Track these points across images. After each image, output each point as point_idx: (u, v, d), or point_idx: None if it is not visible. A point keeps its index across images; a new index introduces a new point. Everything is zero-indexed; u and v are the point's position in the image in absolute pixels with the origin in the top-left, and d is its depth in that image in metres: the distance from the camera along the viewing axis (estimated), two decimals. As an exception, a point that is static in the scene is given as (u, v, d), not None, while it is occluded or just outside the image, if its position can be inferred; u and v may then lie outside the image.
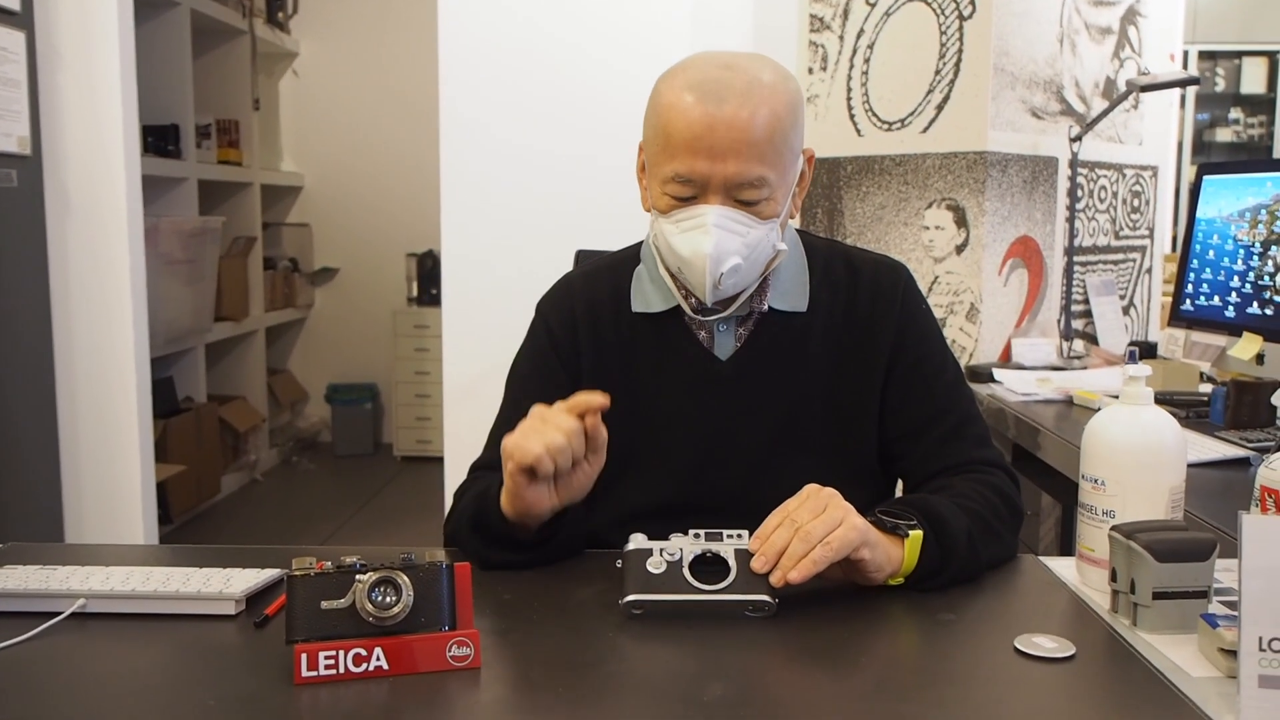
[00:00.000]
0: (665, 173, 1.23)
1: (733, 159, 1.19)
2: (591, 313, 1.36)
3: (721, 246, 1.20)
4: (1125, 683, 0.91)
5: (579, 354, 1.36)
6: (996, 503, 1.22)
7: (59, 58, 2.78)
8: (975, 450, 1.31)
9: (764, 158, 1.20)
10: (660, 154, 1.24)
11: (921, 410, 1.32)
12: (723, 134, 1.18)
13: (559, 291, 1.42)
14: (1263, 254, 1.89)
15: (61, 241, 2.81)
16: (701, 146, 1.19)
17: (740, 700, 0.89)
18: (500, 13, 2.75)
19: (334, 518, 4.54)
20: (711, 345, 1.33)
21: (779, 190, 1.24)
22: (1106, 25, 2.82)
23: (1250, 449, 1.68)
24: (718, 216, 1.21)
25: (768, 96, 1.20)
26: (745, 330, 1.33)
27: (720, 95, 1.19)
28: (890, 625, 1.06)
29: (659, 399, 1.32)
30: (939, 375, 1.34)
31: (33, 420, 2.76)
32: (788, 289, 1.33)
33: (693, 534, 1.07)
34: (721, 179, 1.20)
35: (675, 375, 1.32)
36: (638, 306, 1.35)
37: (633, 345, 1.34)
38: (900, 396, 1.32)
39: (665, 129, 1.22)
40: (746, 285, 1.28)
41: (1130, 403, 1.10)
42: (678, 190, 1.23)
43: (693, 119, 1.19)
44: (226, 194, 5.04)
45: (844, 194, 2.83)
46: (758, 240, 1.23)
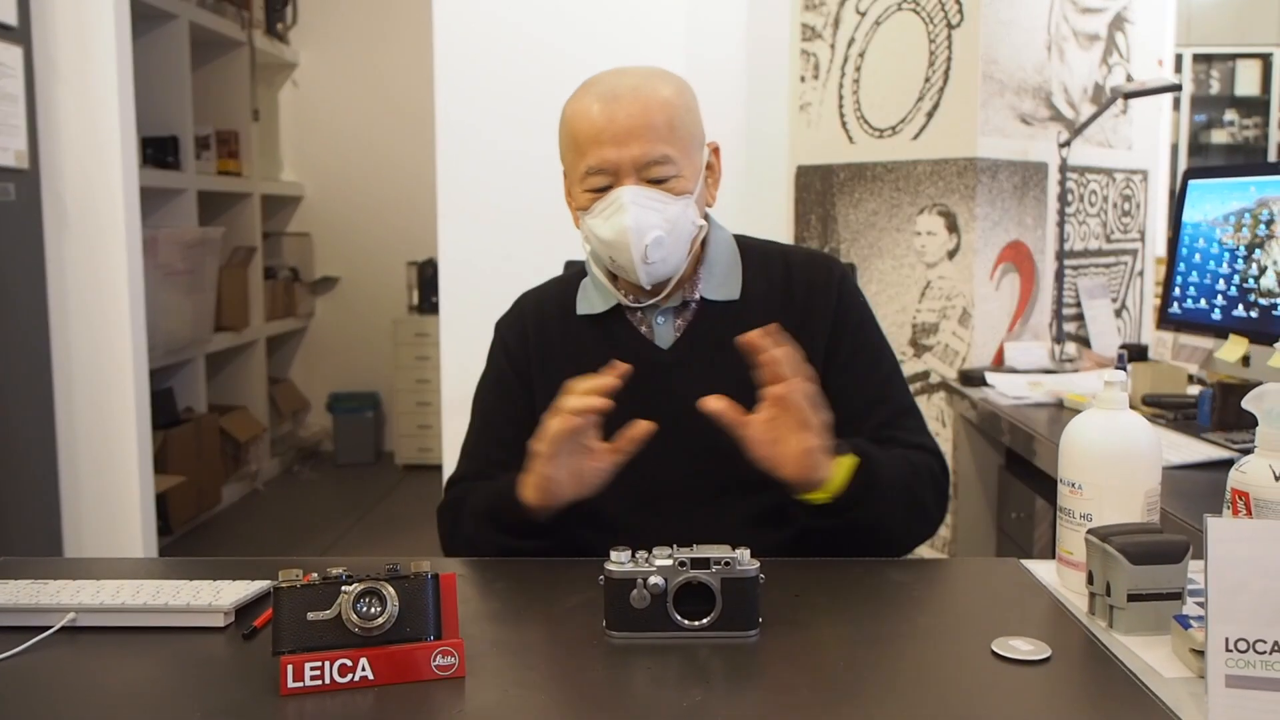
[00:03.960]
0: (580, 171, 1.34)
1: (635, 142, 1.31)
2: (540, 323, 1.47)
3: (640, 220, 1.30)
4: (1099, 684, 0.93)
5: (529, 363, 1.45)
6: (926, 479, 1.35)
7: (56, 71, 2.80)
8: (914, 436, 1.40)
9: (664, 137, 1.32)
10: (574, 159, 1.36)
11: (861, 397, 1.39)
12: (623, 121, 1.31)
13: (512, 311, 1.53)
14: (1247, 257, 1.91)
15: (59, 255, 2.83)
16: (605, 137, 1.31)
17: (720, 706, 0.90)
18: (495, 22, 2.77)
19: (336, 527, 4.55)
20: (653, 337, 1.42)
21: (685, 169, 1.34)
22: (1094, 32, 2.84)
23: (1234, 450, 1.69)
24: (632, 194, 1.31)
25: (658, 86, 1.34)
26: (683, 321, 1.42)
27: (615, 93, 1.33)
28: (868, 629, 1.07)
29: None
30: (877, 364, 1.44)
31: (32, 432, 2.77)
32: (720, 280, 1.42)
33: (678, 557, 1.03)
34: (629, 161, 1.31)
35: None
36: (582, 310, 1.45)
37: (580, 346, 1.43)
38: (839, 384, 1.38)
39: (573, 134, 1.35)
40: (676, 265, 1.36)
41: (1106, 407, 1.11)
42: (594, 183, 1.34)
43: (594, 116, 1.32)
44: (226, 204, 5.07)
45: (837, 200, 2.84)
46: (676, 216, 1.33)
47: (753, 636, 1.03)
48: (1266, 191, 1.89)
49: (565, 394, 1.23)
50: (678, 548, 1.04)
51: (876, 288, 2.77)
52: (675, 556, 1.03)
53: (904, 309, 2.74)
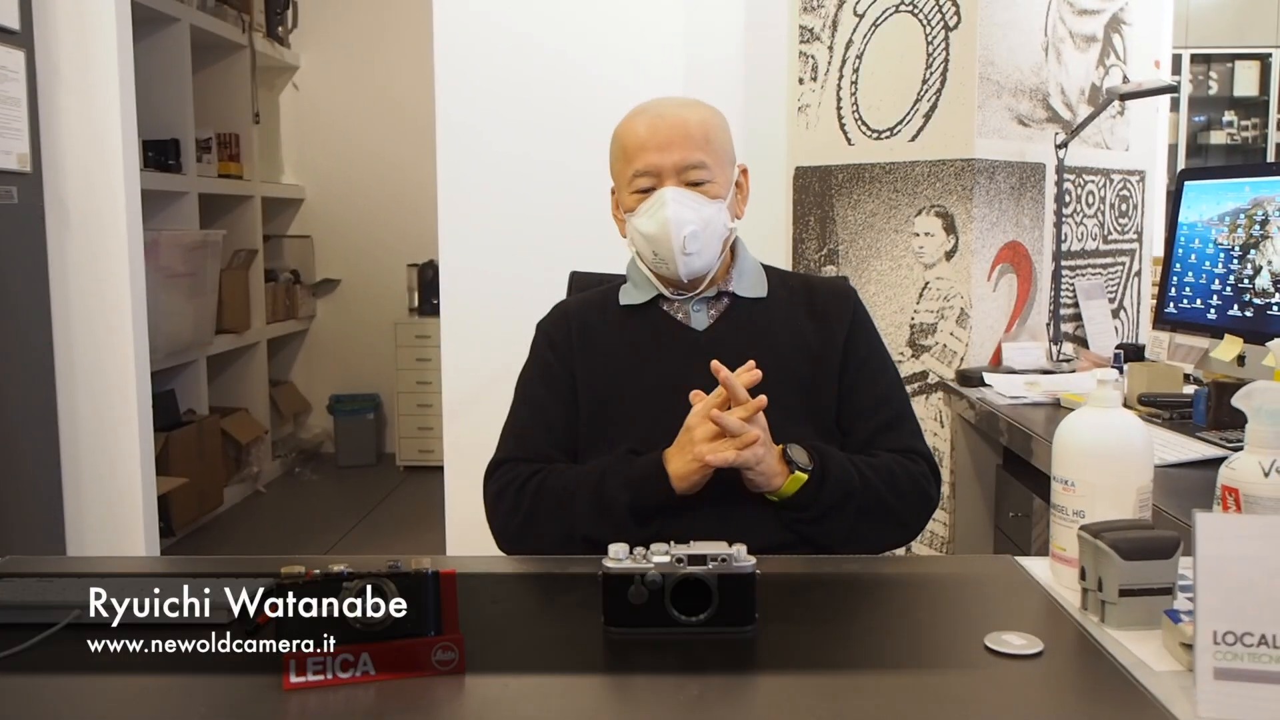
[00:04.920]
0: (628, 177, 1.54)
1: (676, 149, 1.51)
2: (583, 318, 1.62)
3: (679, 215, 1.49)
4: (1090, 678, 0.94)
5: (573, 351, 1.59)
6: (905, 486, 1.47)
7: (58, 75, 2.81)
8: (908, 440, 1.54)
9: (700, 147, 1.52)
10: (623, 167, 1.55)
11: (866, 398, 1.55)
12: (665, 132, 1.51)
13: (555, 311, 1.67)
14: (1242, 257, 1.92)
15: (62, 257, 2.84)
16: (651, 144, 1.51)
17: (717, 700, 0.91)
18: (495, 25, 2.78)
19: (337, 528, 4.57)
20: (689, 322, 1.58)
21: (719, 177, 1.54)
22: (1091, 33, 2.85)
23: (1229, 449, 1.71)
24: (673, 193, 1.50)
25: (696, 108, 1.56)
26: (716, 310, 1.60)
27: (660, 110, 1.54)
28: (863, 624, 1.09)
29: (648, 372, 1.54)
30: (883, 373, 1.60)
31: (34, 434, 2.78)
32: (749, 280, 1.61)
33: (675, 554, 1.05)
34: (671, 165, 1.51)
35: (660, 349, 1.56)
36: (624, 301, 1.61)
37: (621, 333, 1.59)
38: (849, 385, 1.55)
39: (623, 147, 1.55)
40: (710, 260, 1.54)
41: (1099, 406, 1.13)
42: (640, 184, 1.52)
43: (640, 129, 1.53)
44: (228, 207, 5.08)
45: (835, 202, 2.86)
46: (711, 216, 1.51)
47: (749, 631, 1.04)
48: (1261, 192, 1.90)
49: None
50: (675, 544, 1.05)
51: (875, 289, 2.79)
52: (672, 553, 1.05)
53: (902, 309, 2.75)
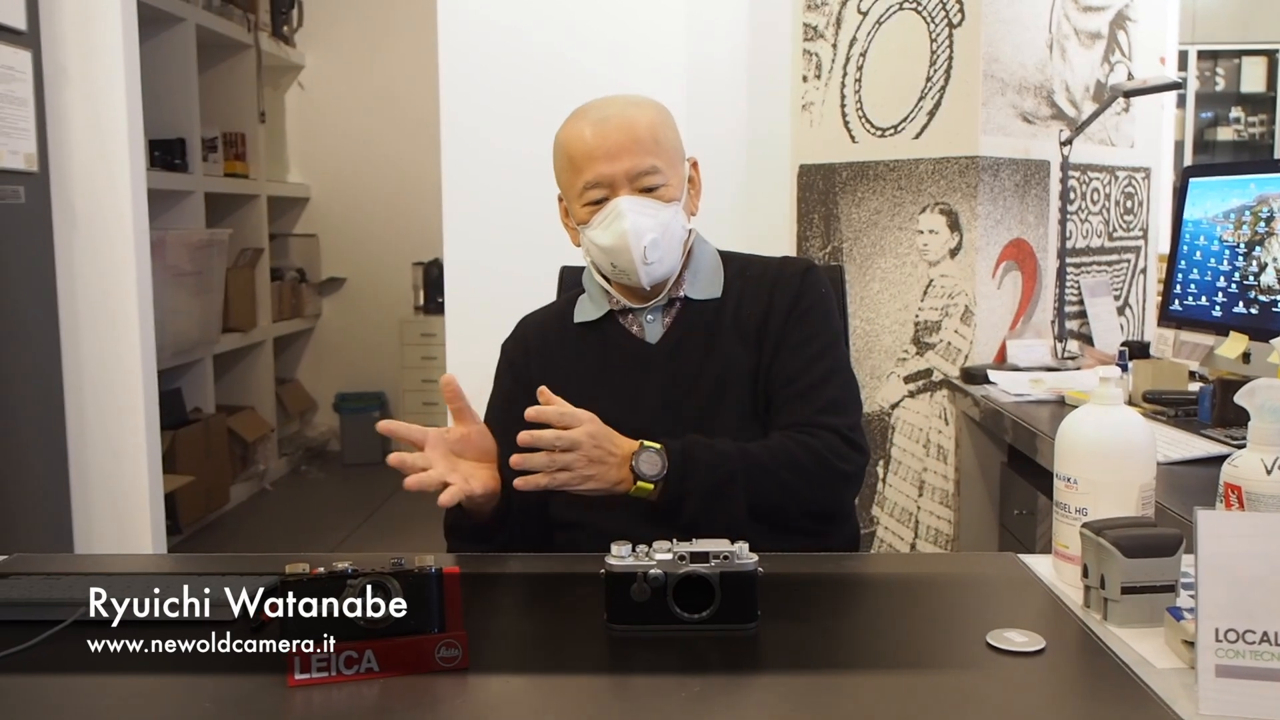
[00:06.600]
0: (579, 188, 1.48)
1: (625, 156, 1.45)
2: (541, 337, 1.61)
3: (637, 225, 1.44)
4: (1092, 676, 0.94)
5: (531, 373, 1.56)
6: (802, 458, 1.41)
7: (65, 75, 2.82)
8: (816, 414, 1.47)
9: (650, 151, 1.46)
10: (571, 178, 1.49)
11: (787, 368, 1.50)
12: (613, 138, 1.45)
13: (515, 332, 1.66)
14: (1247, 254, 1.92)
15: (69, 256, 2.85)
16: (599, 153, 1.45)
17: (719, 697, 0.92)
18: (498, 25, 2.78)
19: (343, 526, 4.58)
20: (643, 335, 1.55)
21: (672, 179, 1.49)
22: (1095, 30, 2.85)
23: (1233, 446, 1.70)
24: (629, 202, 1.45)
25: (642, 106, 1.50)
26: (669, 318, 1.55)
27: (603, 115, 1.48)
28: (865, 621, 1.09)
29: (605, 385, 1.52)
30: (809, 342, 1.51)
31: (41, 432, 2.80)
32: (704, 281, 1.56)
33: (677, 552, 1.05)
34: (623, 173, 1.45)
35: (616, 364, 1.54)
36: (579, 319, 1.58)
37: (579, 350, 1.57)
38: (770, 357, 1.51)
39: (569, 156, 1.49)
40: (671, 266, 1.50)
41: (1101, 403, 1.13)
42: (592, 196, 1.47)
43: (587, 137, 1.47)
44: (233, 206, 5.09)
45: (839, 199, 2.86)
46: (668, 220, 1.47)
47: (751, 629, 1.04)
48: (1266, 189, 1.90)
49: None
50: (677, 542, 1.06)
51: (879, 286, 2.79)
52: (675, 551, 1.05)
53: (906, 307, 2.75)
